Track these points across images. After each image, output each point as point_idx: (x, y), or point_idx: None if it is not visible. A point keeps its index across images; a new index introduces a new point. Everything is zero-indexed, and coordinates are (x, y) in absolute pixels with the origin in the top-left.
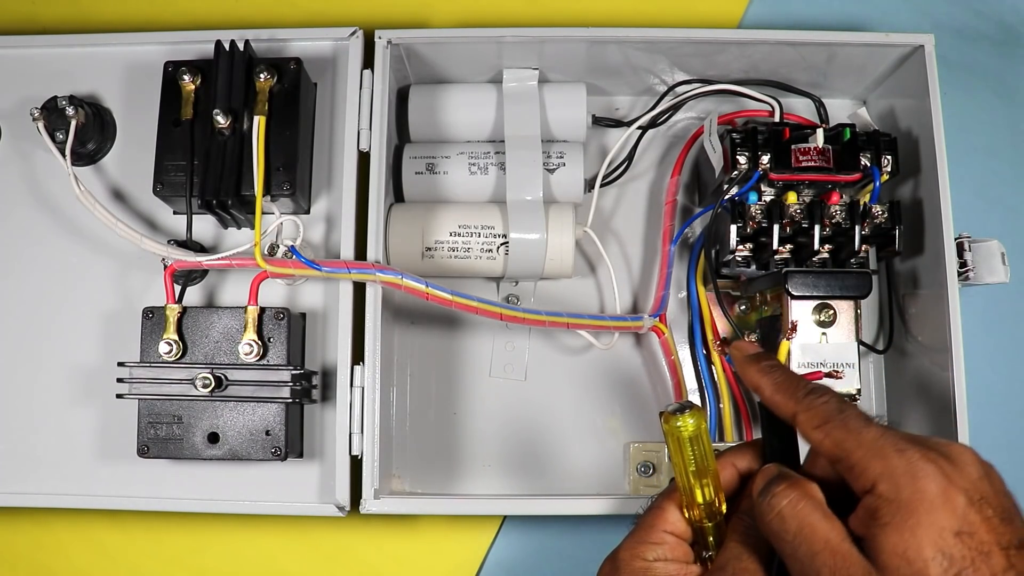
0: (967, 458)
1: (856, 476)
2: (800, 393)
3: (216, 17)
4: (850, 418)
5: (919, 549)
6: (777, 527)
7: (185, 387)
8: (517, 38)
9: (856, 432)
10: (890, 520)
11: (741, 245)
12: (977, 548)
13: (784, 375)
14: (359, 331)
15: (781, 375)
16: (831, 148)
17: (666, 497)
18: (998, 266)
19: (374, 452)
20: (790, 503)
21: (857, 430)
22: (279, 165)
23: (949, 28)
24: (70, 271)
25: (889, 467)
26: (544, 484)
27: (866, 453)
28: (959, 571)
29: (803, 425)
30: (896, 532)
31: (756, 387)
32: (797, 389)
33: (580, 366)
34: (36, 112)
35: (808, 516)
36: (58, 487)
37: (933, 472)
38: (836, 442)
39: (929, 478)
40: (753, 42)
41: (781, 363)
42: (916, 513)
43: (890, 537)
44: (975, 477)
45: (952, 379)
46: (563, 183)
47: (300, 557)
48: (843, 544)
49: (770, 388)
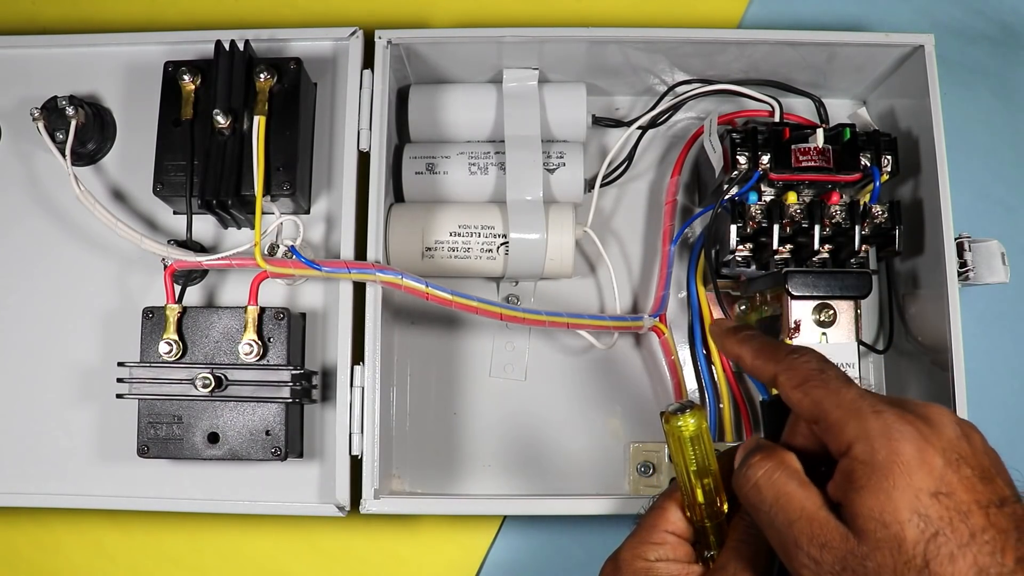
0: (945, 419)
1: (833, 437)
2: (781, 354)
3: (216, 17)
4: (831, 378)
5: (895, 511)
6: (754, 497)
7: (185, 387)
8: (517, 38)
9: (836, 392)
10: (866, 483)
11: (741, 245)
12: (955, 508)
13: (764, 340)
14: (359, 331)
15: (760, 341)
16: (831, 148)
17: (667, 497)
18: (998, 266)
19: (374, 452)
20: (766, 473)
21: (837, 390)
22: (279, 165)
23: (949, 28)
24: (70, 271)
25: (865, 428)
26: (544, 484)
27: (844, 414)
28: (936, 531)
29: (784, 385)
30: (872, 495)
31: (737, 356)
32: (778, 351)
33: (580, 366)
34: (36, 112)
35: (784, 485)
36: (58, 487)
37: (910, 433)
38: (815, 401)
39: (905, 439)
40: (753, 42)
41: (760, 332)
42: (892, 475)
43: (866, 500)
44: (952, 437)
45: (952, 379)
46: (563, 183)
47: (300, 557)
48: (820, 511)
49: (751, 354)
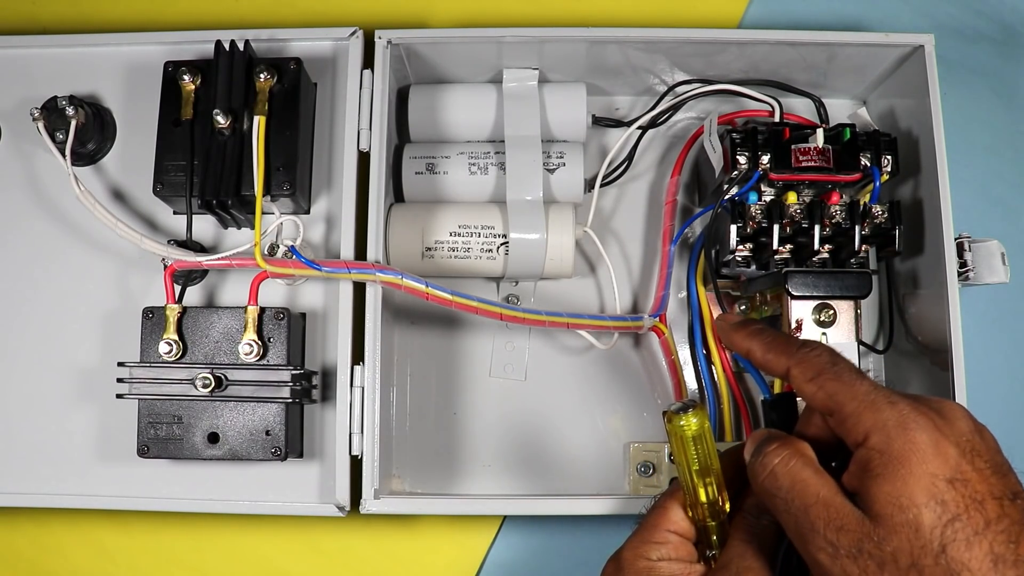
0: (958, 413)
1: (848, 429)
2: (792, 348)
3: (216, 17)
4: (844, 371)
5: (912, 496)
6: (770, 485)
7: (185, 387)
8: (517, 38)
9: (849, 384)
10: (882, 471)
11: (741, 245)
12: (971, 495)
13: (774, 334)
14: (359, 331)
15: (771, 335)
16: (831, 148)
17: (669, 496)
18: (998, 266)
19: (374, 452)
20: (782, 460)
21: (850, 382)
22: (279, 165)
23: (949, 28)
24: (70, 271)
25: (881, 419)
26: (544, 484)
27: (859, 405)
28: (953, 517)
29: (797, 379)
30: (888, 482)
31: (747, 351)
32: (789, 345)
33: (580, 366)
34: (36, 112)
35: (800, 472)
36: (58, 487)
37: (925, 423)
38: (829, 394)
39: (920, 429)
40: (753, 42)
41: (767, 326)
42: (908, 463)
43: (883, 487)
44: (966, 430)
45: (952, 379)
46: (563, 183)
47: (300, 557)
48: (836, 497)
49: (761, 348)
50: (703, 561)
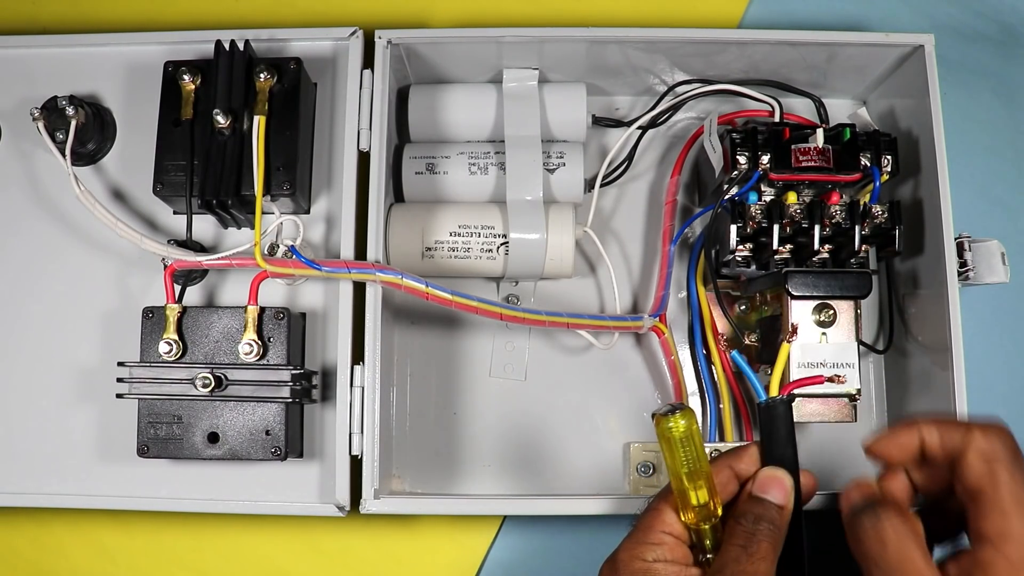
0: None
1: (987, 519)
2: (968, 426)
3: (216, 17)
4: (1019, 470)
5: None
6: (876, 551)
7: (185, 387)
8: (517, 38)
9: (1020, 484)
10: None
11: (741, 245)
12: None
13: (939, 421)
14: (359, 331)
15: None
16: (831, 148)
17: (662, 499)
18: (998, 266)
19: (374, 452)
20: (897, 533)
21: (1021, 483)
22: (279, 165)
23: (949, 28)
24: (70, 271)
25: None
26: (544, 484)
27: (1016, 507)
28: None
29: (974, 448)
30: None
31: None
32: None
33: (580, 366)
34: (36, 112)
35: (910, 552)
36: (58, 487)
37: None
38: (995, 480)
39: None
40: (753, 42)
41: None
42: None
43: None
44: None
45: (952, 379)
46: (563, 183)
47: (300, 557)
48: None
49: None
50: (698, 564)
